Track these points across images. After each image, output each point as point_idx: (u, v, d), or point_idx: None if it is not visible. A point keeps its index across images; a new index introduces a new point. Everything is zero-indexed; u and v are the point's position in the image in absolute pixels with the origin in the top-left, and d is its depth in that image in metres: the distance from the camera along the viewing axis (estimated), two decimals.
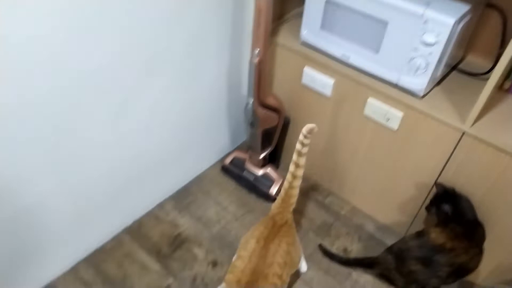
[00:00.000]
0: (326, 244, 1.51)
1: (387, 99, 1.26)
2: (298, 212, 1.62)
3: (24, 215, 1.14)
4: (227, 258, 1.45)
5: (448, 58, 1.17)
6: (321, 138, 1.57)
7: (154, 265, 1.42)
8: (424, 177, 1.34)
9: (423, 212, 1.39)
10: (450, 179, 1.27)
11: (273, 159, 1.73)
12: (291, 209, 1.20)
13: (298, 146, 1.11)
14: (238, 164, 1.71)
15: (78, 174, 1.22)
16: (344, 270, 1.45)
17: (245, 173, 1.68)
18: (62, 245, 1.32)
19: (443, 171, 1.27)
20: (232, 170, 1.72)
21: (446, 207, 1.25)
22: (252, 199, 1.66)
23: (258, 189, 1.66)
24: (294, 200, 1.19)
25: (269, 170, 1.66)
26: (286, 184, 1.17)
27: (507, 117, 1.18)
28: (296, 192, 1.18)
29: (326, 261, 1.46)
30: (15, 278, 1.23)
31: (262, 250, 1.10)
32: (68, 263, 1.39)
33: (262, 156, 1.61)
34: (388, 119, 1.29)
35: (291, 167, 1.14)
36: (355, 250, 1.51)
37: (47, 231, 1.24)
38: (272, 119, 1.48)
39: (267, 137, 1.55)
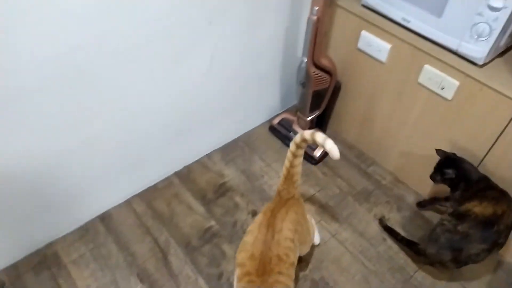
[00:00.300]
0: (364, 210, 1.54)
1: (444, 66, 1.24)
2: (339, 176, 1.65)
3: (88, 147, 1.28)
4: None
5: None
6: (370, 106, 1.57)
7: (199, 207, 1.53)
8: (474, 151, 1.31)
9: None
10: (500, 155, 1.24)
11: (320, 124, 1.76)
12: (296, 185, 1.17)
13: (290, 153, 1.11)
14: (286, 125, 1.76)
15: (135, 120, 1.34)
16: (378, 235, 1.47)
17: (291, 134, 1.73)
18: (118, 180, 1.46)
19: (494, 145, 1.24)
20: (280, 131, 1.77)
21: (450, 172, 1.30)
22: None
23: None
24: (297, 177, 1.16)
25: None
26: (287, 163, 1.14)
27: None
28: (298, 170, 1.15)
29: (362, 225, 1.49)
30: (78, 205, 1.40)
31: (269, 219, 1.08)
32: (123, 196, 1.54)
33: (309, 118, 1.65)
34: (443, 88, 1.26)
35: (292, 146, 1.10)
36: (393, 219, 1.52)
37: (106, 165, 1.38)
38: (324, 81, 1.50)
39: (317, 99, 1.58)
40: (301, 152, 1.11)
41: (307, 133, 1.04)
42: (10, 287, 1.29)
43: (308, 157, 1.68)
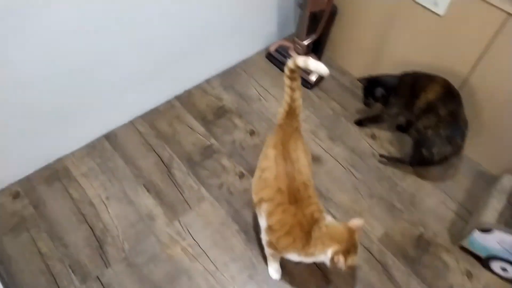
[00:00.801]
0: (355, 129, 1.63)
1: None
2: (333, 99, 1.72)
3: (102, 64, 1.32)
4: (263, 130, 1.61)
5: None
6: (366, 28, 1.61)
7: (199, 128, 1.61)
8: (458, 70, 1.38)
9: None
10: (484, 70, 1.31)
11: (316, 50, 1.80)
12: (298, 118, 1.19)
13: (288, 88, 1.13)
14: (282, 52, 1.81)
15: (146, 42, 1.38)
16: (368, 150, 1.57)
17: (287, 60, 1.78)
18: (122, 100, 1.52)
19: (480, 61, 1.31)
20: (276, 57, 1.82)
21: (379, 90, 1.42)
22: None
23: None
24: (299, 110, 1.18)
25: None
26: (287, 98, 1.16)
27: None
28: (299, 103, 1.17)
29: (353, 142, 1.59)
30: (85, 122, 1.46)
31: (283, 152, 1.09)
32: (127, 117, 1.60)
33: (306, 43, 1.69)
34: (436, 3, 1.31)
35: (286, 73, 1.12)
36: (383, 136, 1.62)
37: (110, 86, 1.43)
38: (321, 1, 1.53)
39: (313, 22, 1.62)
40: (298, 83, 1.13)
41: (300, 59, 1.06)
42: (25, 197, 1.39)
43: (304, 82, 1.74)
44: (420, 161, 1.43)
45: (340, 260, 0.95)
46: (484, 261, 1.28)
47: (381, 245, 1.32)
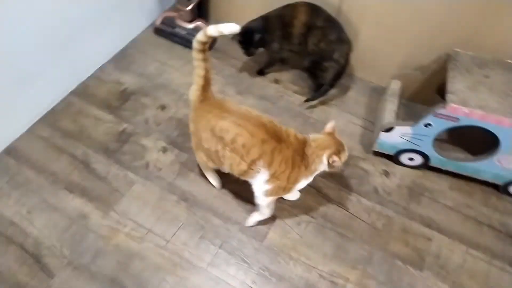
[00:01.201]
0: (260, 79, 1.71)
1: None
2: (233, 58, 1.77)
3: None
4: (173, 102, 1.61)
5: None
6: None
7: (107, 116, 1.55)
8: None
9: None
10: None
11: (202, 14, 1.82)
12: (211, 87, 1.18)
13: (199, 61, 1.12)
14: (169, 23, 1.79)
15: (13, 42, 1.26)
16: (277, 94, 1.66)
17: (177, 30, 1.77)
18: (12, 109, 1.39)
19: None
20: (165, 30, 1.80)
21: (255, 36, 1.51)
22: (188, 52, 1.74)
23: (191, 42, 1.76)
24: (211, 79, 1.17)
25: (199, 23, 1.76)
26: (200, 71, 1.13)
27: None
28: (211, 72, 1.16)
29: (261, 91, 1.67)
30: None
31: (234, 114, 1.12)
32: (23, 125, 1.48)
33: (189, 7, 1.70)
34: None
35: (198, 55, 1.11)
36: (286, 79, 1.72)
37: None
38: None
39: None
40: (208, 54, 1.12)
41: (211, 28, 1.05)
42: None
43: None
44: (334, 76, 1.55)
45: (335, 159, 1.09)
46: (395, 158, 1.47)
47: None
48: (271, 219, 1.31)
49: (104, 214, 1.30)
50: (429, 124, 1.28)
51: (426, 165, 1.44)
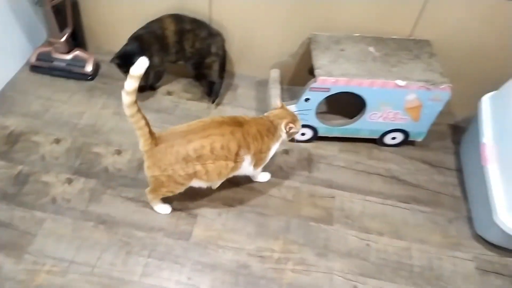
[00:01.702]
0: (154, 93, 1.77)
1: None
2: (121, 79, 1.78)
3: None
4: (68, 133, 1.58)
5: None
6: (113, 3, 1.72)
7: None
8: (200, 10, 1.65)
9: None
10: (218, 9, 1.62)
11: (79, 44, 1.82)
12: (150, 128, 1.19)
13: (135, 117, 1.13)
14: (45, 58, 1.75)
15: None
16: (172, 104, 1.74)
17: (55, 63, 1.74)
18: None
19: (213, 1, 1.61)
20: (42, 65, 1.75)
21: (136, 57, 1.32)
22: (72, 83, 1.76)
23: (74, 73, 1.75)
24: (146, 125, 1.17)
25: (78, 52, 1.76)
26: (141, 123, 1.14)
27: None
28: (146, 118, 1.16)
29: (155, 103, 1.72)
30: None
31: (192, 131, 1.21)
32: None
33: (63, 39, 1.69)
34: None
35: (132, 110, 1.12)
36: (177, 88, 1.80)
37: None
38: None
39: (60, 16, 1.62)
40: (138, 103, 1.12)
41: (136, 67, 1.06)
42: None
43: (82, 76, 1.76)
44: (219, 68, 1.67)
45: (292, 126, 1.29)
46: None
47: None
48: (193, 217, 1.38)
49: (18, 259, 1.23)
50: (308, 99, 1.47)
51: (316, 137, 1.63)
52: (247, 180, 1.49)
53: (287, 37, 1.68)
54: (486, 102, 1.52)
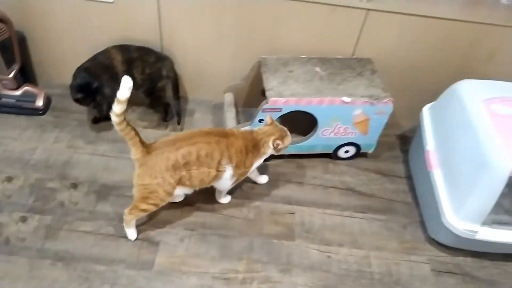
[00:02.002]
0: (103, 125, 1.75)
1: None
2: (73, 112, 1.77)
3: None
4: (20, 170, 1.53)
5: None
6: (63, 39, 1.72)
7: None
8: (151, 40, 1.68)
9: None
10: (168, 41, 1.66)
11: (28, 79, 1.79)
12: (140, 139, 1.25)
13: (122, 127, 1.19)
14: None
15: None
16: None
17: (3, 100, 1.70)
18: None
19: (161, 30, 1.65)
20: None
21: (94, 85, 1.55)
22: (23, 119, 1.73)
23: (24, 108, 1.72)
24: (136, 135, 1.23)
25: (27, 87, 1.73)
26: (131, 133, 1.21)
27: None
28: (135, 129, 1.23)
29: (110, 134, 1.71)
30: None
31: (180, 141, 1.27)
32: None
33: (11, 75, 1.66)
34: None
35: (122, 126, 1.19)
36: (132, 117, 1.80)
37: None
38: (1, 31, 1.53)
39: (7, 52, 1.60)
40: (126, 117, 1.19)
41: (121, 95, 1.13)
42: None
43: (33, 111, 1.72)
44: (173, 89, 1.72)
45: (279, 143, 1.36)
46: None
47: None
48: (155, 245, 1.37)
49: None
50: (262, 120, 1.52)
51: (273, 155, 1.68)
52: (208, 202, 1.51)
53: (238, 61, 1.74)
54: (426, 112, 1.64)
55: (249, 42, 1.68)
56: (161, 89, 1.69)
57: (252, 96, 1.79)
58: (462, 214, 1.33)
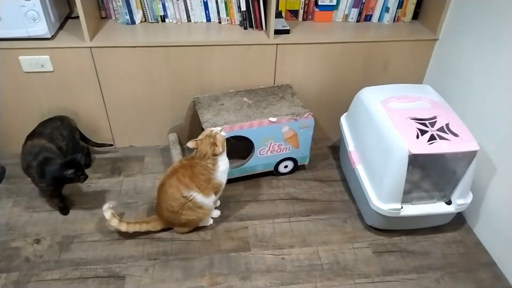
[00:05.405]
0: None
1: (33, 51, 1.68)
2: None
3: None
4: None
5: (54, 10, 1.68)
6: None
7: None
8: (96, 117, 1.87)
9: None
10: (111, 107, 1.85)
11: None
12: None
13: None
14: None
15: None
16: (85, 184, 1.85)
17: None
18: None
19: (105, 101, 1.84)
20: None
21: (79, 158, 1.64)
22: None
23: None
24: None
25: None
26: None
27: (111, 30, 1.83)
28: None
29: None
30: None
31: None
32: None
33: None
34: (42, 65, 1.71)
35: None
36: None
37: None
38: None
39: None
40: (124, 221, 1.56)
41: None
42: None
43: None
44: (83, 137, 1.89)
45: (214, 154, 1.51)
46: None
47: None
48: (121, 279, 1.47)
49: None
50: None
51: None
52: (167, 233, 1.64)
53: (175, 104, 1.95)
54: (344, 120, 1.91)
55: (181, 87, 1.91)
56: (81, 148, 1.87)
57: (193, 132, 1.98)
58: (383, 196, 1.56)
